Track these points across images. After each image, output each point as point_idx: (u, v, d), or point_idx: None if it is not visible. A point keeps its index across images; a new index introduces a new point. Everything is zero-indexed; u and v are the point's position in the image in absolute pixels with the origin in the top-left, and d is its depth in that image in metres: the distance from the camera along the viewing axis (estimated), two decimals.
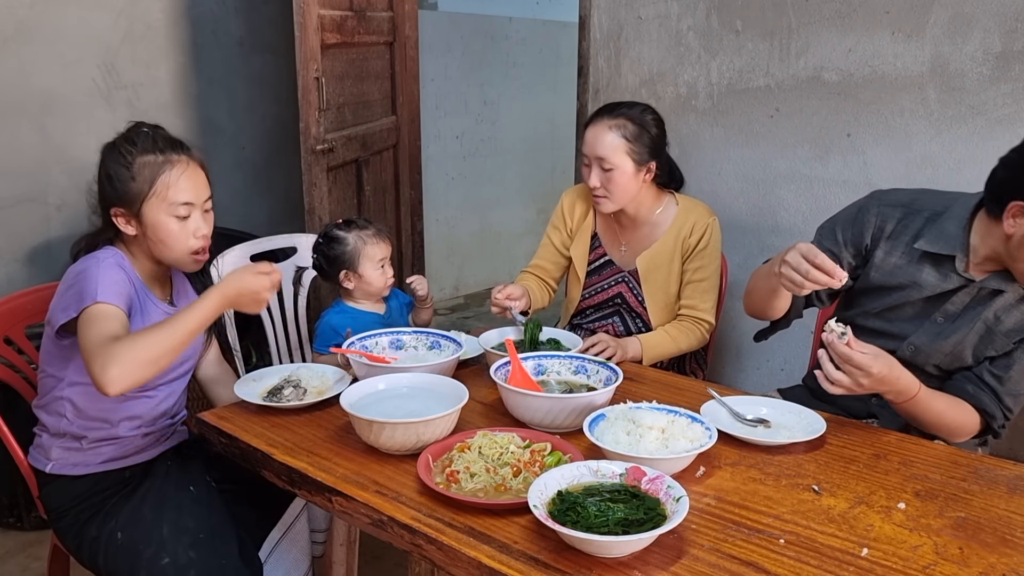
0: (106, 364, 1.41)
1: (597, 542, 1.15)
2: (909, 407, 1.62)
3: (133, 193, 1.63)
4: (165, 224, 1.64)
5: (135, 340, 1.46)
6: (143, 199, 1.63)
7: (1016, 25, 2.19)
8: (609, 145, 2.12)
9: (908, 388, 1.58)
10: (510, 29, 5.32)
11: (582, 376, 1.77)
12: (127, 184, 1.63)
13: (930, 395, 1.62)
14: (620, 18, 2.98)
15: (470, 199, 5.31)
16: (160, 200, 1.63)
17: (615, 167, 2.12)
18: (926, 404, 1.62)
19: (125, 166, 1.63)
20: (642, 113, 2.16)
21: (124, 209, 1.64)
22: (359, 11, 3.26)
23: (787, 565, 1.18)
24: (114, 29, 3.25)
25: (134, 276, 1.67)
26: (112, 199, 1.64)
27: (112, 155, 1.65)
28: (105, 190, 1.66)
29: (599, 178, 2.14)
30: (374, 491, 1.39)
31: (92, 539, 1.64)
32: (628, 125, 2.12)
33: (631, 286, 2.28)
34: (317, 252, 2.19)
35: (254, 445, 1.57)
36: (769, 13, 2.62)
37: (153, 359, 1.45)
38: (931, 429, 1.67)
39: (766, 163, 2.72)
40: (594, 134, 2.15)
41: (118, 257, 1.65)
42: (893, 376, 1.55)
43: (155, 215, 1.64)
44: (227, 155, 3.72)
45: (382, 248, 2.14)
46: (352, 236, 2.13)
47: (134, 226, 1.65)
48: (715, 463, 1.48)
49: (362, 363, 1.76)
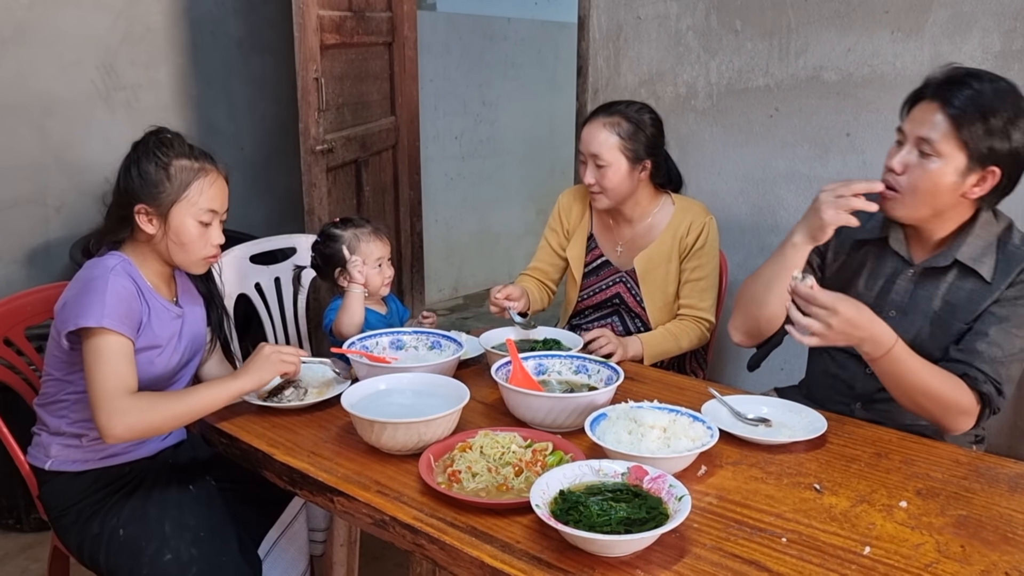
0: (113, 417, 1.51)
1: (600, 541, 1.15)
2: (889, 365, 1.55)
3: (165, 193, 1.65)
4: (189, 229, 1.67)
5: (150, 405, 1.56)
6: (174, 201, 1.65)
7: (1015, 24, 2.19)
8: (603, 142, 2.14)
9: (884, 336, 1.53)
10: (509, 30, 5.31)
11: (583, 376, 1.77)
12: (161, 184, 1.65)
13: (910, 353, 1.56)
14: (619, 18, 2.98)
15: (469, 200, 5.30)
16: (190, 205, 1.66)
17: (609, 164, 2.14)
18: (908, 362, 1.55)
19: (163, 166, 1.65)
20: (638, 111, 2.18)
21: (151, 208, 1.65)
22: (358, 12, 3.26)
23: (789, 564, 1.18)
24: (113, 30, 3.25)
25: (141, 281, 1.68)
26: (140, 196, 1.65)
27: (147, 153, 1.67)
28: (133, 186, 1.66)
29: (594, 175, 2.17)
30: (376, 491, 1.38)
31: (94, 536, 1.65)
32: (623, 123, 2.14)
33: (629, 286, 2.28)
34: (315, 251, 2.19)
35: (255, 446, 1.57)
36: (768, 13, 2.63)
37: (161, 426, 1.59)
38: (920, 399, 1.57)
39: (766, 163, 2.72)
40: (589, 132, 2.17)
41: (126, 264, 1.66)
42: (864, 319, 1.51)
43: (181, 218, 1.66)
44: (226, 156, 3.65)
45: (378, 247, 2.14)
46: (348, 234, 2.13)
47: (155, 226, 1.67)
48: (717, 462, 1.48)
49: (363, 363, 1.76)
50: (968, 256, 1.64)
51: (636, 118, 2.16)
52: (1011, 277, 1.62)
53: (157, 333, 1.68)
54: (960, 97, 1.54)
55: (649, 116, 2.20)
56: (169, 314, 1.72)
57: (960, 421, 1.59)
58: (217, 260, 1.78)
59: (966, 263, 1.64)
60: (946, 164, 1.56)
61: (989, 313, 1.63)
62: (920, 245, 1.72)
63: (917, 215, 1.64)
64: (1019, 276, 1.62)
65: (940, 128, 1.56)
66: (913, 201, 1.61)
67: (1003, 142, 1.54)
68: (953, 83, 1.57)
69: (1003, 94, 1.56)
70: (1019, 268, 1.62)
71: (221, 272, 2.26)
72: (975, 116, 1.53)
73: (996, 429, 2.36)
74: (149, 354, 1.67)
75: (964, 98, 1.54)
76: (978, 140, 1.54)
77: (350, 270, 2.06)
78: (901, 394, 1.60)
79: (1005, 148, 1.55)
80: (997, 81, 1.57)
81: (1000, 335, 1.60)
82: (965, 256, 1.65)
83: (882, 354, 1.54)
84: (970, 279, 1.66)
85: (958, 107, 1.54)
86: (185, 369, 1.80)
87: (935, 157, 1.56)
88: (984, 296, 1.64)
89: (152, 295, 1.70)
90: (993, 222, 1.68)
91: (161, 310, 1.70)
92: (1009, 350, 1.60)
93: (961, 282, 1.67)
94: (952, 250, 1.66)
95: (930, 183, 1.58)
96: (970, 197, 1.61)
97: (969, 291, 1.66)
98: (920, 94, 1.63)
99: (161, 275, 1.75)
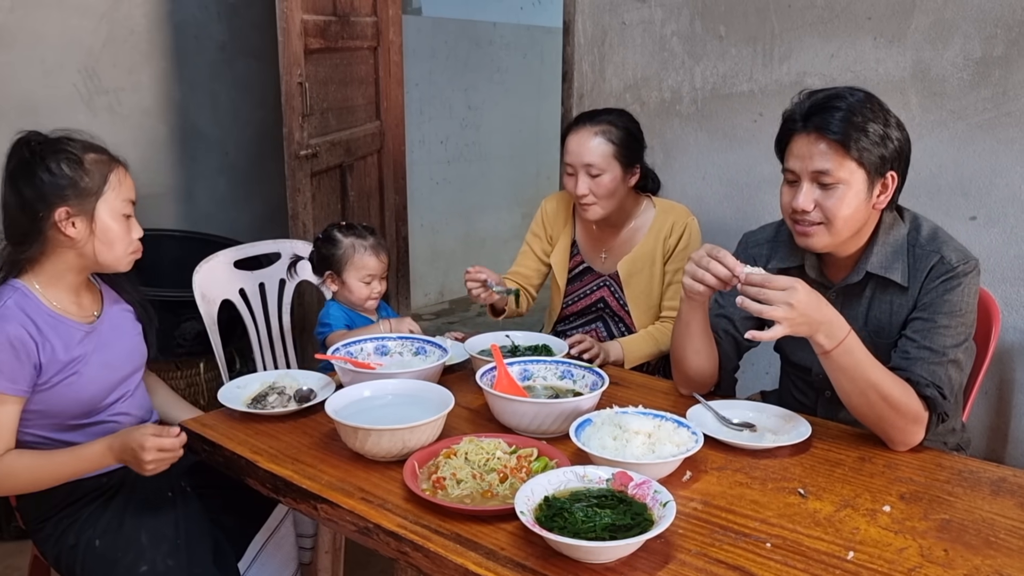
0: None
1: (584, 548, 1.15)
2: (844, 357, 1.49)
3: (87, 190, 1.56)
4: (113, 224, 1.61)
5: (19, 465, 1.55)
6: (98, 196, 1.58)
7: (995, 31, 2.21)
8: (596, 151, 2.13)
9: (839, 322, 1.49)
10: (494, 34, 5.32)
11: (568, 381, 1.76)
12: (80, 180, 1.56)
13: (862, 347, 1.51)
14: (604, 23, 2.99)
15: (455, 204, 5.30)
16: (114, 197, 1.60)
17: (604, 171, 2.13)
18: (860, 355, 1.50)
19: (76, 161, 1.56)
20: (620, 118, 2.19)
21: (73, 208, 1.56)
22: (343, 16, 3.25)
23: (774, 569, 1.18)
24: (95, 34, 3.23)
25: (40, 312, 1.58)
26: (58, 199, 1.55)
27: (52, 152, 1.57)
28: (44, 191, 1.54)
29: (587, 185, 2.14)
30: (360, 498, 1.38)
31: (70, 547, 1.62)
32: (613, 130, 2.14)
33: (613, 290, 2.29)
34: (314, 247, 2.21)
35: (238, 453, 1.55)
36: (752, 19, 2.64)
37: (26, 487, 1.60)
38: (873, 397, 1.50)
39: (750, 167, 2.74)
40: (579, 142, 2.15)
41: (19, 297, 1.57)
42: (823, 302, 1.48)
43: (108, 213, 1.60)
44: (210, 160, 3.70)
45: (372, 263, 2.12)
46: (347, 241, 2.12)
47: (79, 228, 1.57)
48: (701, 467, 1.49)
49: (347, 369, 1.75)
50: (879, 266, 1.63)
51: (624, 124, 2.17)
52: (923, 276, 1.61)
53: (68, 358, 1.60)
54: (834, 120, 1.54)
55: (632, 122, 2.22)
56: (80, 336, 1.64)
57: (910, 430, 1.53)
58: (139, 254, 1.70)
59: (879, 274, 1.63)
60: (850, 187, 1.56)
61: (914, 318, 1.61)
62: (835, 266, 1.71)
63: (839, 241, 1.62)
64: (931, 273, 1.60)
65: (830, 156, 1.55)
66: (835, 230, 1.59)
67: (888, 146, 1.56)
68: (821, 109, 1.57)
69: (866, 103, 1.56)
70: (929, 265, 1.60)
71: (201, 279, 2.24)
72: (857, 133, 1.53)
73: (977, 433, 2.38)
74: (67, 380, 1.60)
75: (839, 120, 1.54)
76: (868, 154, 1.54)
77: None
78: (854, 391, 1.52)
79: (892, 151, 1.56)
80: (855, 93, 1.58)
81: (928, 336, 1.57)
82: (875, 267, 1.63)
83: (837, 343, 1.48)
84: (889, 290, 1.65)
85: (837, 130, 1.53)
86: (126, 383, 1.75)
87: (838, 185, 1.56)
88: (905, 303, 1.63)
89: (57, 322, 1.61)
90: (899, 223, 1.67)
91: (70, 335, 1.62)
92: (940, 348, 1.56)
93: (881, 295, 1.66)
94: (863, 264, 1.65)
95: (845, 209, 1.57)
96: (879, 207, 1.61)
97: (890, 303, 1.65)
98: (791, 130, 1.62)
99: (75, 290, 1.67)
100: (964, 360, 1.60)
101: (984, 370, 1.97)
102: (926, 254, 1.62)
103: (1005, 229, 2.27)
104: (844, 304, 1.66)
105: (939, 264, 1.59)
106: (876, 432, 1.57)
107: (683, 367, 1.77)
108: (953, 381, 1.57)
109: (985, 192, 2.29)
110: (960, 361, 1.59)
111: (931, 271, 1.60)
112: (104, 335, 1.70)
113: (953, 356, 1.57)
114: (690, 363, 1.75)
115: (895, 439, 1.55)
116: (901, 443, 1.55)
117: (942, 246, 1.61)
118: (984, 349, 1.96)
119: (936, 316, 1.58)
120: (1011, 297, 2.27)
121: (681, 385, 1.82)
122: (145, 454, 1.50)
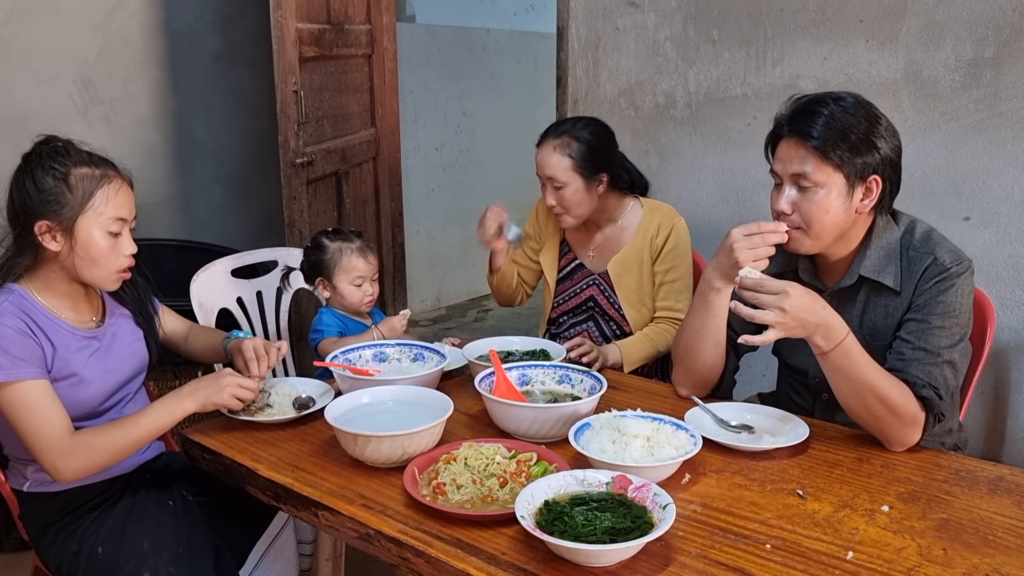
0: (58, 461, 1.50)
1: (585, 551, 1.15)
2: (841, 359, 1.50)
3: (67, 206, 1.56)
4: (98, 241, 1.58)
5: (90, 443, 1.53)
6: (78, 213, 1.56)
7: (987, 32, 2.23)
8: (556, 165, 2.17)
9: (837, 324, 1.49)
10: (488, 40, 5.33)
11: (566, 385, 1.77)
12: (62, 196, 1.55)
13: (860, 349, 1.51)
14: (598, 29, 3.00)
15: (450, 210, 5.31)
16: (96, 215, 1.57)
17: (565, 184, 2.18)
18: (859, 356, 1.50)
19: (60, 177, 1.56)
20: (584, 129, 2.20)
21: (53, 223, 1.56)
22: (337, 24, 3.26)
23: (774, 570, 1.19)
24: (90, 44, 3.23)
25: (39, 314, 1.59)
26: (39, 212, 1.55)
27: (40, 165, 1.57)
28: (29, 203, 1.56)
29: (553, 196, 2.21)
30: (360, 505, 1.38)
31: (72, 555, 1.62)
32: (573, 143, 2.17)
33: (603, 289, 2.31)
34: (304, 255, 2.22)
35: (238, 461, 1.56)
36: (745, 23, 2.65)
37: (108, 461, 1.56)
38: (870, 399, 1.51)
39: (744, 171, 2.75)
40: (542, 156, 2.21)
41: (16, 298, 1.58)
42: (818, 305, 1.48)
43: (88, 231, 1.57)
44: (206, 169, 3.70)
45: (360, 264, 2.13)
46: (333, 246, 2.13)
47: (60, 242, 1.57)
48: (700, 470, 1.49)
49: (346, 376, 1.76)
50: (871, 269, 1.64)
51: (584, 136, 2.18)
52: (917, 277, 1.61)
53: (68, 363, 1.61)
54: (815, 126, 1.56)
55: (594, 131, 2.22)
56: (78, 341, 1.64)
57: (907, 431, 1.53)
58: (129, 275, 1.67)
59: (871, 277, 1.64)
60: (828, 191, 1.57)
61: (908, 320, 1.61)
62: (829, 270, 1.72)
63: (822, 245, 1.64)
64: (924, 274, 1.60)
65: (808, 161, 1.57)
66: (814, 233, 1.61)
67: (871, 153, 1.57)
68: (803, 114, 1.58)
69: (852, 109, 1.57)
70: (923, 267, 1.61)
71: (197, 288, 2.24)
72: (836, 139, 1.55)
73: (974, 432, 2.39)
74: (66, 382, 1.60)
75: (819, 126, 1.55)
76: (847, 159, 1.55)
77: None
78: (851, 392, 1.53)
79: (876, 158, 1.57)
80: (842, 99, 1.59)
81: (923, 337, 1.57)
82: (868, 270, 1.64)
83: (835, 345, 1.49)
84: (883, 293, 1.65)
85: (817, 136, 1.55)
86: (127, 387, 1.75)
87: (816, 188, 1.57)
88: (900, 306, 1.63)
89: (55, 325, 1.61)
90: (892, 227, 1.67)
91: (68, 339, 1.62)
92: (935, 349, 1.56)
93: (876, 298, 1.66)
94: (855, 267, 1.66)
95: (822, 212, 1.58)
96: (863, 212, 1.62)
97: (885, 305, 1.65)
98: (777, 134, 1.65)
99: (71, 297, 1.66)
100: (959, 360, 1.61)
101: (980, 370, 1.98)
102: (919, 256, 1.62)
103: (999, 229, 2.28)
104: (839, 307, 1.66)
105: (932, 265, 1.60)
106: (873, 433, 1.58)
107: (697, 363, 1.76)
108: (949, 381, 1.58)
109: (978, 193, 2.30)
110: (955, 362, 1.59)
111: (925, 272, 1.61)
112: (104, 341, 1.70)
113: (948, 357, 1.57)
114: (707, 357, 1.75)
115: (892, 440, 1.56)
116: (898, 444, 1.56)
117: (935, 247, 1.62)
118: (980, 349, 1.97)
119: (930, 317, 1.58)
120: (1006, 297, 2.29)
121: (682, 385, 1.82)
122: (225, 380, 1.61)
